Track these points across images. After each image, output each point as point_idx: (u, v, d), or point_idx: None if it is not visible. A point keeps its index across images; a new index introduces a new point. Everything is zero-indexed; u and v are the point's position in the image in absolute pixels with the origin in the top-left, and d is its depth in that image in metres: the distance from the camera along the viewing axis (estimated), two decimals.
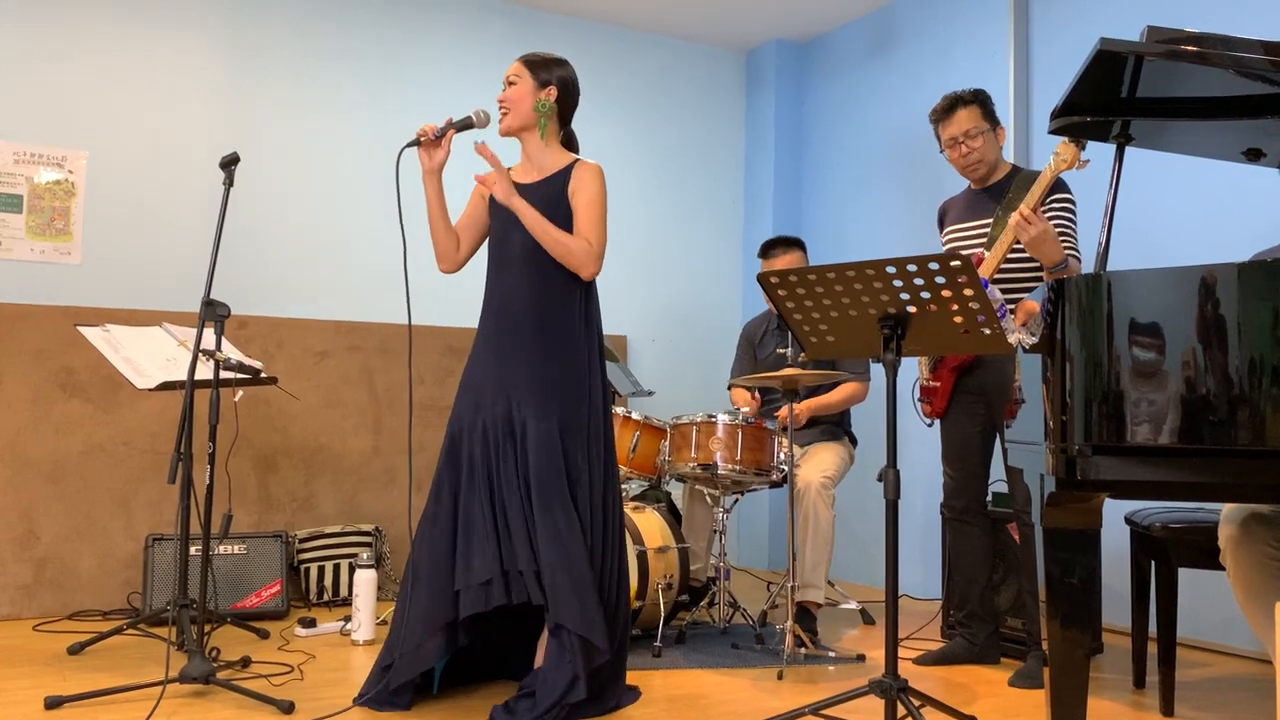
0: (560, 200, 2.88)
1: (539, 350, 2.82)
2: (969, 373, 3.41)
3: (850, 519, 5.22)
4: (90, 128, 4.36)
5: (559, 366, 2.82)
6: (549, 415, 2.78)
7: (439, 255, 3.00)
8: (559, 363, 2.82)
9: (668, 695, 3.03)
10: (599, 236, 2.86)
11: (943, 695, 3.06)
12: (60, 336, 4.08)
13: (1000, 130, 3.44)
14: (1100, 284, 2.02)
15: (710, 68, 5.91)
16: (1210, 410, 1.92)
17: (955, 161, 3.43)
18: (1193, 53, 2.10)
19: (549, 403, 2.79)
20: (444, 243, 2.98)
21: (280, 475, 4.45)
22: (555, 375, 2.81)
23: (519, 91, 2.89)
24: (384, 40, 4.99)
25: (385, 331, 4.69)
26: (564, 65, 2.95)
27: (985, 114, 3.39)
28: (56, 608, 4.00)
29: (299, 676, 3.13)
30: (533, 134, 2.93)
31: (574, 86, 2.98)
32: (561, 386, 2.81)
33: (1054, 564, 2.18)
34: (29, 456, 4.02)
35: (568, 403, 2.81)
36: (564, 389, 2.81)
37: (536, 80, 2.90)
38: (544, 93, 2.90)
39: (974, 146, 3.38)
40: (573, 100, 2.98)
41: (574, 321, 2.86)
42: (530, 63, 2.92)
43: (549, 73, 2.92)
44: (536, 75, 2.90)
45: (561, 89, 2.93)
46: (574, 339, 2.85)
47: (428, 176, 2.92)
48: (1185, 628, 3.74)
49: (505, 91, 2.91)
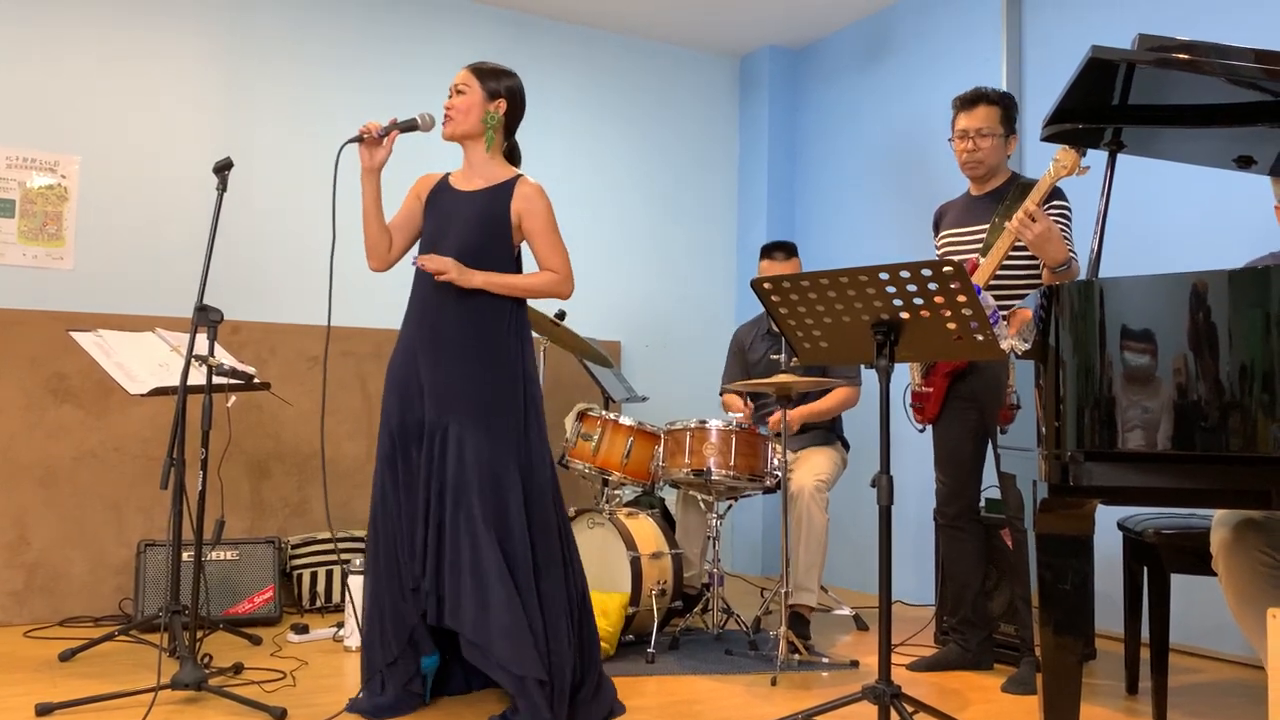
0: (501, 216, 2.85)
1: (473, 359, 2.79)
2: (962, 378, 3.41)
3: (843, 525, 5.22)
4: (83, 132, 4.35)
5: (491, 376, 2.78)
6: (478, 427, 2.74)
7: (369, 252, 2.95)
8: (491, 372, 2.79)
9: (660, 702, 3.03)
10: (563, 260, 2.88)
11: (936, 701, 3.06)
12: (52, 342, 4.07)
13: (1013, 139, 3.44)
14: (1092, 290, 2.03)
15: (704, 73, 5.92)
16: (1202, 416, 1.92)
17: (958, 154, 3.43)
18: (1184, 60, 2.11)
19: (479, 413, 2.75)
20: (376, 241, 2.93)
21: (273, 481, 4.44)
22: (487, 386, 2.77)
23: (468, 101, 2.86)
24: (378, 46, 4.99)
25: (378, 337, 4.69)
26: (513, 76, 2.94)
27: (1004, 118, 3.39)
28: (48, 614, 3.98)
29: (291, 683, 3.12)
30: (477, 144, 2.90)
31: (522, 99, 2.96)
32: (492, 397, 2.77)
33: (1047, 570, 2.18)
34: (21, 462, 4.00)
35: (498, 414, 2.77)
36: (495, 400, 2.77)
37: (486, 91, 2.87)
38: (493, 105, 2.87)
39: (981, 146, 3.38)
40: (520, 113, 2.96)
41: (504, 331, 2.83)
42: (480, 72, 2.88)
43: (498, 83, 2.89)
44: (486, 86, 2.87)
45: (510, 101, 2.91)
46: (505, 349, 2.82)
47: (366, 174, 2.87)
48: (1178, 634, 3.74)
49: (452, 99, 2.87)
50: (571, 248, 5.41)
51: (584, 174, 5.51)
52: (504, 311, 2.85)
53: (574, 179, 5.48)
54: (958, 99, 3.45)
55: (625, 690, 3.12)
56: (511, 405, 2.79)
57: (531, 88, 5.39)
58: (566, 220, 5.42)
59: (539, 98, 5.40)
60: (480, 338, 2.81)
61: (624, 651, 3.60)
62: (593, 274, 5.48)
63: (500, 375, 2.79)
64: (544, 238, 2.87)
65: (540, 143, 5.37)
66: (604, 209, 5.56)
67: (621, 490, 4.14)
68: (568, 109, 5.48)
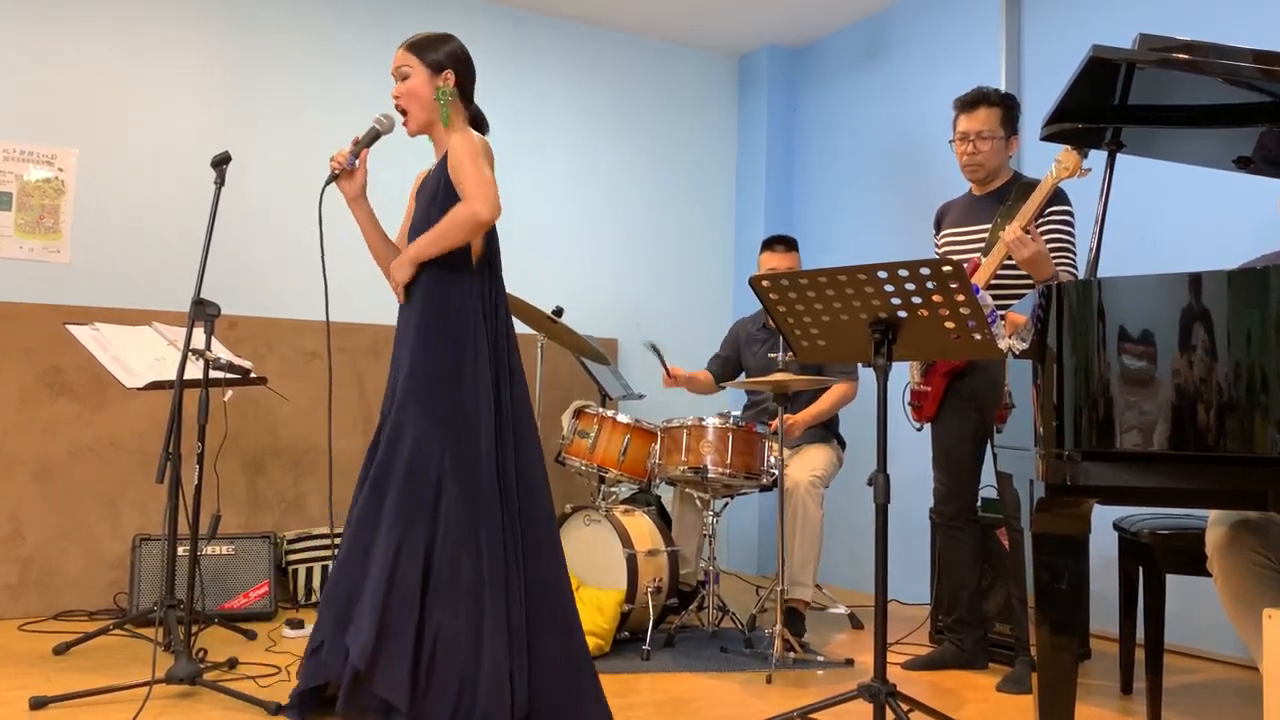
0: (446, 183, 2.64)
1: (420, 338, 2.61)
2: (960, 378, 3.41)
3: (839, 523, 5.22)
4: (80, 126, 4.34)
5: (433, 355, 2.58)
6: (408, 406, 2.56)
7: (385, 275, 2.78)
8: (433, 352, 2.58)
9: (655, 699, 3.03)
10: (476, 182, 2.55)
11: (931, 700, 3.06)
12: (48, 335, 4.06)
13: (1014, 140, 3.43)
14: (1091, 290, 2.03)
15: (703, 72, 5.92)
16: (1199, 417, 1.92)
17: (959, 156, 3.43)
18: (1185, 60, 2.11)
19: (415, 393, 2.56)
20: (386, 263, 2.76)
21: (269, 476, 4.43)
22: (428, 365, 2.58)
23: (414, 84, 2.67)
24: (377, 40, 4.98)
25: (375, 333, 4.68)
26: (450, 39, 2.72)
27: (1004, 119, 3.38)
28: (42, 608, 3.98)
29: (286, 678, 3.12)
30: (438, 124, 2.71)
31: (467, 61, 2.73)
32: (434, 376, 2.57)
33: (1043, 569, 2.18)
34: (16, 456, 3.99)
35: (437, 394, 2.56)
36: (436, 379, 2.57)
37: (431, 66, 2.67)
38: (440, 78, 2.67)
39: (980, 149, 3.38)
40: (470, 76, 2.74)
41: (464, 308, 2.61)
42: (417, 47, 2.68)
43: (438, 53, 2.68)
44: (426, 59, 2.67)
45: (456, 68, 2.69)
46: (459, 327, 2.59)
47: (353, 204, 2.74)
48: (1172, 634, 3.74)
49: (398, 86, 2.68)
50: (569, 245, 5.47)
51: (582, 172, 5.51)
52: (449, 285, 2.63)
53: (572, 176, 5.47)
54: (958, 101, 3.44)
55: (620, 687, 3.12)
56: (451, 384, 2.57)
57: (530, 85, 5.41)
58: (564, 217, 5.42)
59: (538, 95, 5.39)
60: (424, 315, 2.62)
61: (619, 648, 3.60)
62: (590, 272, 5.47)
63: (443, 353, 2.59)
64: (458, 169, 2.59)
65: (539, 140, 5.37)
66: (602, 207, 5.55)
67: (618, 488, 4.14)
68: (567, 107, 5.48)
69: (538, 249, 5.33)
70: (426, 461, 2.53)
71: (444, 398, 2.57)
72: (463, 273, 2.64)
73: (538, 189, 5.36)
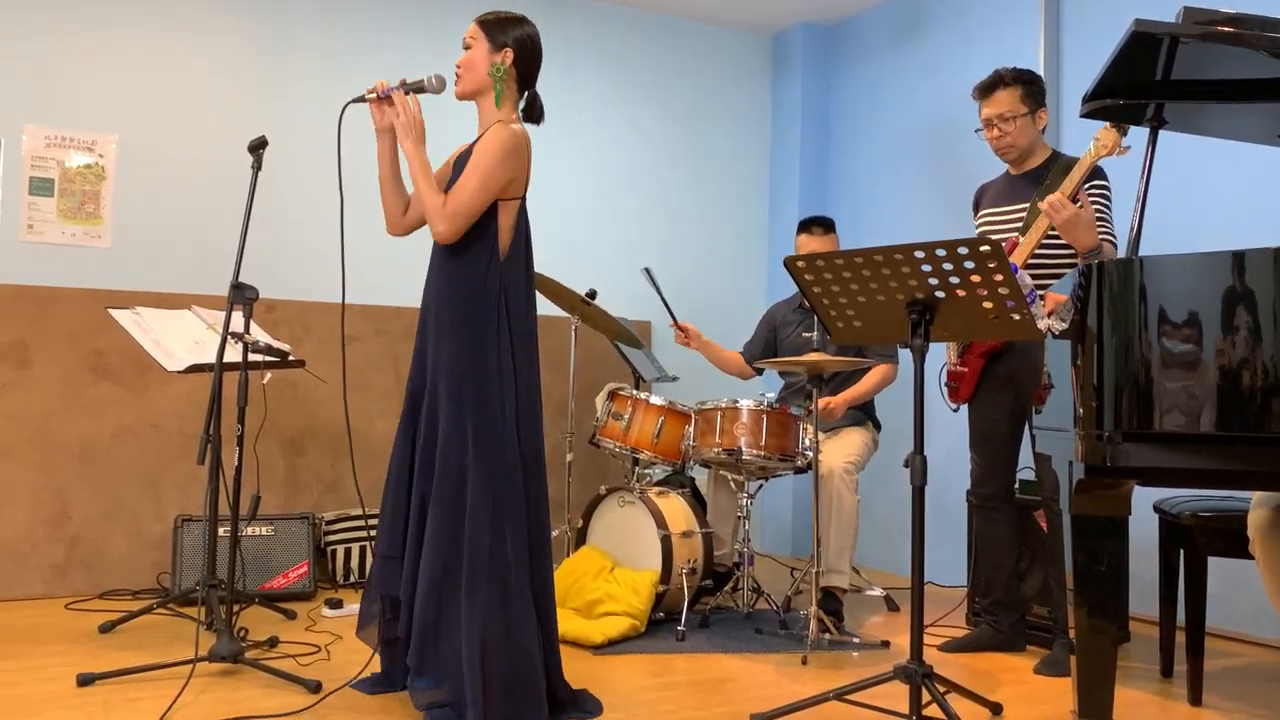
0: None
1: (445, 329, 2.62)
2: (998, 359, 3.38)
3: (874, 505, 5.20)
4: (120, 112, 4.39)
5: (454, 347, 2.59)
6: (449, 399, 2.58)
7: (386, 217, 2.83)
8: (454, 342, 2.59)
9: (691, 679, 3.04)
10: (458, 197, 2.55)
11: (967, 682, 3.05)
12: (90, 319, 4.12)
13: (1042, 113, 3.37)
14: (1132, 269, 2.00)
15: (736, 51, 5.88)
16: (1242, 397, 1.89)
17: (989, 141, 3.40)
18: (1229, 34, 2.07)
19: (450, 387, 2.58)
20: (391, 205, 2.80)
21: (307, 458, 4.48)
22: (453, 357, 2.59)
23: (473, 56, 2.68)
24: (412, 23, 4.99)
25: (411, 316, 4.70)
26: (523, 23, 2.72)
27: (1026, 96, 3.33)
28: (87, 587, 4.05)
29: (325, 657, 3.16)
30: (487, 98, 2.70)
31: (533, 46, 2.73)
32: (458, 369, 2.58)
33: (1082, 552, 2.17)
34: (60, 438, 4.06)
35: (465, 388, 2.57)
36: (461, 372, 2.58)
37: (492, 43, 2.68)
38: (499, 56, 2.67)
39: (1007, 130, 3.34)
40: (534, 62, 2.74)
41: (483, 299, 2.60)
42: (486, 24, 2.70)
43: (505, 34, 2.69)
44: (492, 37, 2.68)
45: (519, 50, 2.69)
46: (479, 319, 2.59)
47: (380, 135, 2.76)
48: (1214, 617, 3.70)
49: (462, 56, 2.71)
50: (602, 227, 5.46)
51: (615, 152, 5.50)
52: (478, 267, 2.62)
53: (606, 157, 5.46)
54: (976, 89, 3.41)
55: (655, 667, 3.14)
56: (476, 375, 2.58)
57: (564, 66, 5.40)
58: (597, 199, 5.42)
59: (571, 76, 5.38)
60: (454, 303, 2.63)
61: (654, 629, 3.61)
62: (624, 254, 5.47)
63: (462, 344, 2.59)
64: (470, 172, 2.59)
65: (572, 122, 5.36)
66: (635, 188, 5.54)
67: (652, 469, 4.15)
68: (600, 88, 5.46)
69: (571, 232, 5.33)
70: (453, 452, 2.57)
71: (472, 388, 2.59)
72: (490, 255, 2.63)
73: (571, 172, 5.35)
